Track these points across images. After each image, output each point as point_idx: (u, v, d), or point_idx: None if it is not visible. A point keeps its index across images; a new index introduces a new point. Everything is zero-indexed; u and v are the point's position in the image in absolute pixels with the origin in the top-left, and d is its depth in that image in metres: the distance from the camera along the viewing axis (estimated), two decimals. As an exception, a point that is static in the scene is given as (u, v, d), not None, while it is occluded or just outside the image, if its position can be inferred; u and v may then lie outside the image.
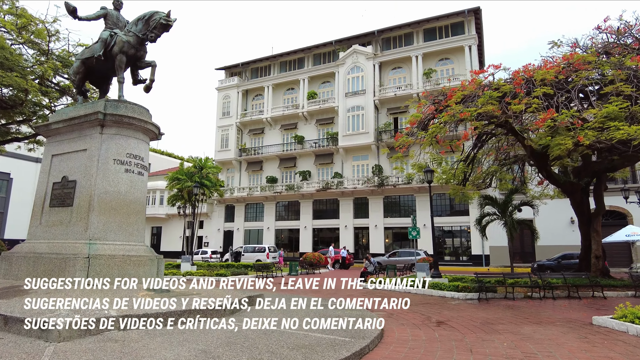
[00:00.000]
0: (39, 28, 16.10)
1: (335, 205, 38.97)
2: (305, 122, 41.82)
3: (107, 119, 8.27)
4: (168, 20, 9.20)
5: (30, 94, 14.61)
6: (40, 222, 8.71)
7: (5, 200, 39.25)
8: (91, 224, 7.86)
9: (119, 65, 9.16)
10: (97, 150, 8.23)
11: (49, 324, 5.00)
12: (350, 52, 39.82)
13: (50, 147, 9.12)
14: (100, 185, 8.06)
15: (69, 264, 7.36)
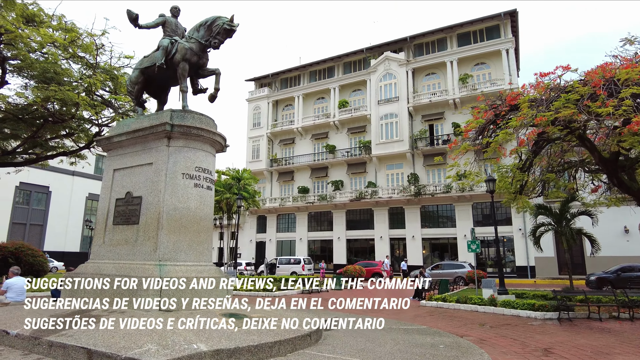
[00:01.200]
0: (86, 42, 16.02)
1: (369, 216, 38.05)
2: (336, 131, 41.23)
3: (175, 130, 7.76)
4: (231, 25, 8.70)
5: (81, 108, 14.48)
6: (103, 241, 8.24)
7: (45, 212, 39.95)
8: (160, 243, 7.31)
9: (181, 74, 8.69)
10: (164, 163, 7.71)
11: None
12: (382, 59, 39.16)
13: (111, 161, 8.69)
14: (169, 201, 7.52)
15: (140, 288, 6.81)
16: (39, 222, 39.64)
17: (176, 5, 9.91)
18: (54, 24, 16.06)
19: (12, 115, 16.53)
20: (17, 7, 15.05)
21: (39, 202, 39.94)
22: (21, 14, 15.15)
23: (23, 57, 13.76)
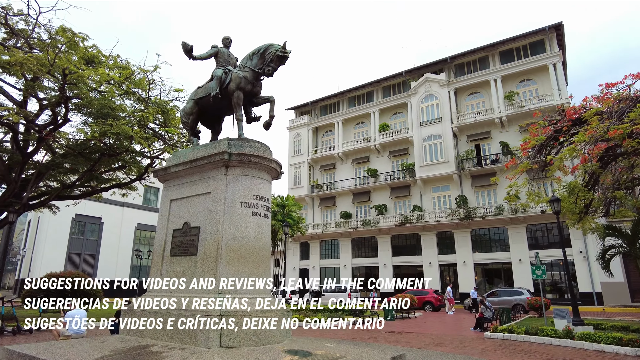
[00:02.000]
0: (139, 78, 16.70)
1: (416, 241, 36.83)
2: (377, 155, 40.77)
3: (233, 158, 7.63)
4: (284, 52, 8.62)
5: (134, 141, 14.97)
6: (161, 273, 8.12)
7: (98, 242, 41.54)
8: (220, 275, 7.07)
9: (236, 103, 8.64)
10: (222, 192, 7.56)
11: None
12: (422, 80, 38.72)
13: (168, 192, 8.67)
14: (228, 231, 7.31)
15: (201, 323, 6.53)
16: (92, 252, 41.22)
17: (228, 36, 10.04)
18: (111, 64, 16.92)
19: (73, 151, 17.33)
20: (79, 50, 15.99)
21: (92, 233, 41.65)
22: (82, 56, 16.09)
23: (84, 95, 14.46)
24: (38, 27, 16.00)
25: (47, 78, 14.77)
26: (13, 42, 16.18)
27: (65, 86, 13.95)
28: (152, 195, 46.28)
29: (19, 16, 16.12)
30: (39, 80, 16.01)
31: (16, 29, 16.08)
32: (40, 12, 15.43)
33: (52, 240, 37.71)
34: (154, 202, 46.71)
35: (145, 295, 8.20)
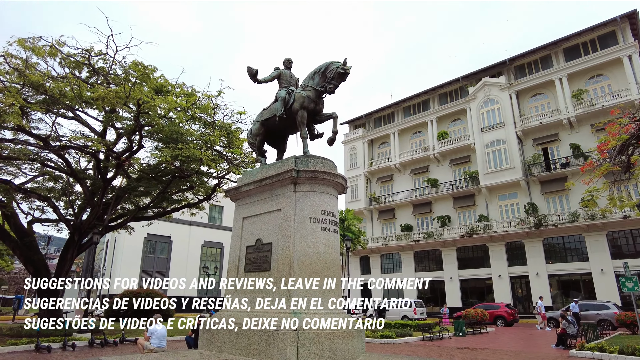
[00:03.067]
0: (204, 103, 17.66)
1: (483, 252, 35.12)
2: (437, 164, 39.69)
3: (300, 175, 7.78)
4: (345, 69, 8.73)
5: (203, 163, 15.80)
6: (236, 289, 8.39)
7: (167, 260, 43.86)
8: (293, 291, 7.17)
9: (300, 122, 8.85)
10: (292, 209, 7.71)
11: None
12: (481, 85, 37.40)
13: (240, 210, 8.99)
14: (299, 246, 7.42)
15: (277, 339, 6.63)
16: (162, 270, 43.54)
17: (289, 58, 10.36)
18: (177, 91, 18.07)
19: (146, 175, 18.58)
20: (149, 81, 17.26)
21: (162, 251, 44.09)
22: (152, 87, 17.34)
23: (155, 123, 15.54)
24: (114, 64, 17.48)
25: (124, 109, 16.05)
26: (94, 79, 17.80)
27: (139, 115, 15.08)
28: (216, 214, 48.23)
29: (99, 56, 17.71)
30: (115, 111, 17.46)
31: (96, 67, 17.67)
32: (117, 50, 16.85)
33: (127, 259, 40.38)
34: (219, 220, 48.64)
35: (221, 310, 8.50)
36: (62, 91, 15.85)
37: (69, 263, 19.58)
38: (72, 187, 21.27)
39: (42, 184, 20.70)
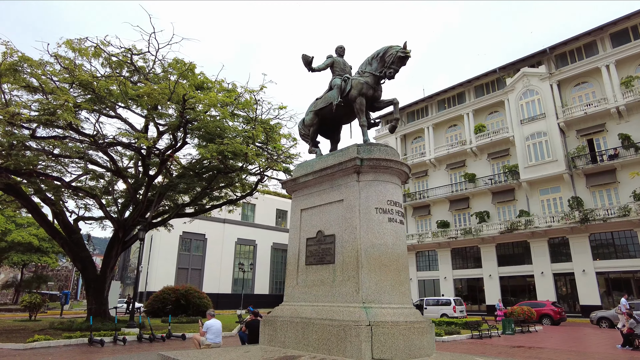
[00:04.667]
0: (245, 99, 17.57)
1: (524, 249, 33.86)
2: (474, 159, 38.55)
3: (364, 164, 7.45)
4: (405, 52, 8.32)
5: (249, 158, 15.70)
6: (297, 282, 8.15)
7: (202, 258, 44.46)
8: (362, 283, 6.84)
9: (359, 109, 8.52)
10: (355, 199, 7.39)
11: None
12: (520, 76, 36.03)
13: (298, 202, 8.75)
14: (365, 238, 7.09)
15: (349, 333, 6.32)
16: (198, 267, 44.17)
17: (341, 45, 10.05)
18: (217, 88, 18.05)
19: (189, 171, 18.69)
20: (190, 78, 17.31)
21: (197, 249, 44.71)
22: (193, 84, 17.38)
23: (200, 118, 15.55)
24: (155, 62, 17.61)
25: (168, 105, 16.14)
26: (135, 78, 18.00)
27: (184, 110, 15.11)
28: (249, 211, 48.54)
29: (139, 55, 17.89)
30: (157, 109, 17.60)
31: (137, 66, 17.85)
32: (159, 47, 16.98)
33: (164, 256, 41.15)
34: (251, 218, 48.95)
35: (283, 304, 8.27)
36: (109, 89, 16.10)
37: (114, 260, 19.97)
38: (114, 185, 21.68)
39: (84, 183, 21.18)
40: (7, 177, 16.90)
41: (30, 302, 21.70)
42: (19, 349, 11.96)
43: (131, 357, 9.82)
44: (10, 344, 11.82)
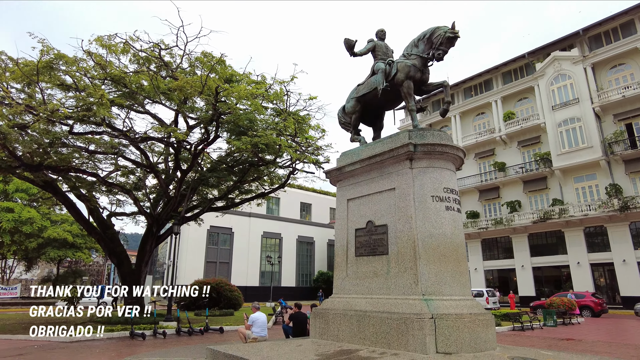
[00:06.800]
0: (274, 90, 17.36)
1: (558, 239, 32.81)
2: (504, 147, 37.49)
3: (418, 150, 7.13)
4: (454, 33, 7.92)
5: (282, 150, 15.54)
6: (347, 274, 7.92)
7: (230, 251, 44.83)
8: (421, 275, 6.56)
9: (407, 93, 8.18)
10: (409, 187, 7.08)
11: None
12: (550, 60, 34.71)
13: (343, 192, 8.49)
14: (422, 227, 6.79)
15: (411, 327, 6.05)
16: (225, 260, 44.54)
17: (382, 29, 9.70)
18: (247, 80, 17.88)
19: (220, 165, 18.66)
20: (219, 71, 17.18)
21: (224, 242, 45.08)
22: (222, 76, 17.26)
23: (233, 110, 15.42)
24: (183, 56, 17.53)
25: (200, 98, 16.06)
26: (164, 73, 17.98)
27: (217, 103, 15.00)
28: (274, 205, 48.64)
29: (166, 50, 17.84)
30: (186, 103, 17.57)
31: (165, 60, 17.81)
32: (187, 41, 16.89)
33: (193, 250, 41.63)
34: (276, 211, 49.06)
35: (333, 297, 8.07)
36: (140, 84, 16.13)
37: (148, 254, 20.18)
38: (145, 181, 21.87)
39: (115, 179, 21.43)
40: (45, 174, 17.21)
41: (70, 296, 22.18)
42: (66, 341, 12.17)
43: (177, 350, 9.82)
44: (57, 336, 12.04)
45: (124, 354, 9.86)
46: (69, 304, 24.22)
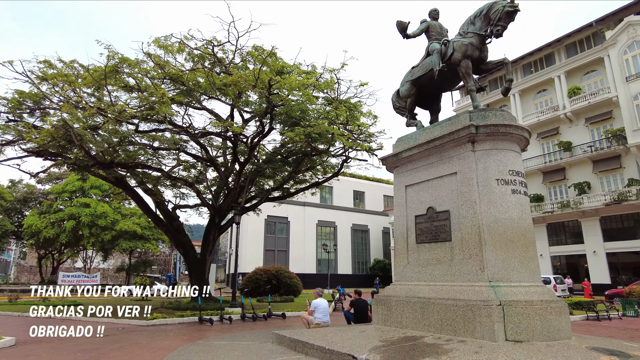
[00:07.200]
0: (326, 79, 17.36)
1: (635, 222, 30.26)
2: (569, 125, 34.97)
3: (480, 132, 6.85)
4: (514, 6, 7.48)
5: (335, 138, 15.61)
6: (408, 262, 7.85)
7: (287, 240, 45.95)
8: (487, 261, 6.35)
9: (465, 72, 7.88)
10: (471, 171, 6.84)
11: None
12: (623, 26, 31.67)
13: (401, 178, 8.38)
14: (487, 212, 6.55)
15: (478, 314, 5.90)
16: (283, 248, 45.74)
17: (435, 8, 9.36)
18: (297, 70, 18.00)
19: (276, 156, 19.07)
20: (270, 63, 17.42)
21: (281, 231, 46.25)
22: (274, 69, 17.49)
23: (285, 101, 15.66)
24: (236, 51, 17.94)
25: (254, 92, 16.44)
26: (217, 70, 18.54)
27: (270, 96, 15.29)
28: (327, 194, 49.03)
29: (218, 46, 18.33)
30: (241, 97, 18.03)
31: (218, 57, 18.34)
32: (238, 36, 17.25)
33: (252, 239, 43.14)
34: (330, 200, 49.44)
35: (394, 284, 8.05)
36: (197, 81, 16.77)
37: (212, 243, 21.15)
38: (206, 174, 22.84)
39: (177, 173, 22.55)
40: (115, 171, 18.50)
41: (142, 284, 23.88)
42: (143, 325, 13.13)
43: (244, 335, 10.26)
44: (135, 320, 13.03)
45: (195, 337, 10.46)
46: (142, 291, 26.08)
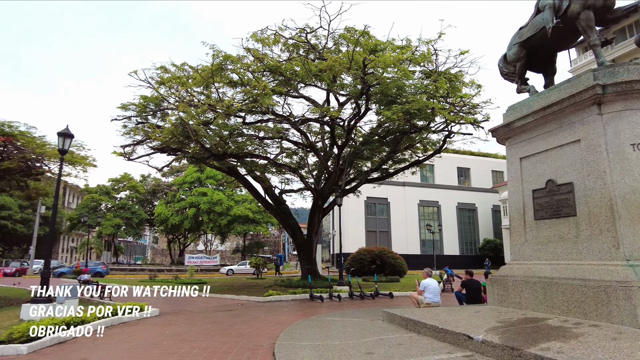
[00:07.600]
0: (423, 51, 16.67)
1: None
2: None
3: (608, 91, 6.02)
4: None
5: (435, 113, 15.01)
6: (525, 239, 7.31)
7: (387, 220, 45.75)
8: (623, 237, 5.63)
9: (587, 25, 6.95)
10: (599, 137, 6.06)
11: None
12: None
13: (514, 150, 7.76)
14: (621, 183, 5.78)
15: (614, 296, 5.28)
16: (384, 229, 45.66)
17: (546, -44, 8.32)
18: (391, 47, 17.53)
19: (375, 136, 19.01)
20: (363, 43, 17.22)
21: (382, 212, 46.12)
22: (367, 48, 17.26)
23: (380, 80, 15.43)
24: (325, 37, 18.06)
25: (348, 74, 16.49)
26: (312, 56, 18.87)
27: (365, 76, 15.18)
28: (427, 172, 47.46)
29: (311, 33, 18.59)
30: (336, 81, 18.18)
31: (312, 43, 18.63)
32: (330, 20, 17.32)
33: (353, 220, 43.75)
34: (431, 179, 47.83)
35: (511, 263, 7.59)
36: (294, 70, 17.33)
37: (317, 225, 22.00)
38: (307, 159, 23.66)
39: (281, 160, 23.69)
40: (227, 161, 20.13)
41: (256, 263, 25.89)
42: (260, 301, 14.31)
43: (354, 312, 10.57)
44: (254, 297, 14.27)
45: (308, 313, 11.08)
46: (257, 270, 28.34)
